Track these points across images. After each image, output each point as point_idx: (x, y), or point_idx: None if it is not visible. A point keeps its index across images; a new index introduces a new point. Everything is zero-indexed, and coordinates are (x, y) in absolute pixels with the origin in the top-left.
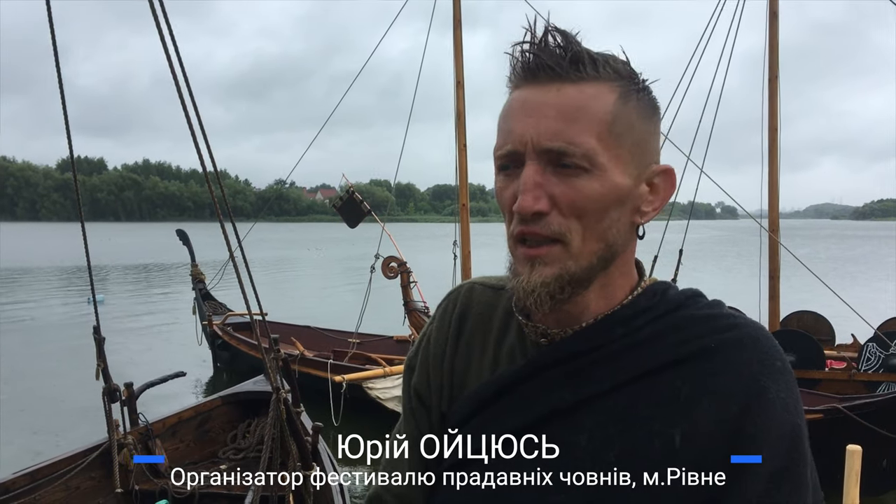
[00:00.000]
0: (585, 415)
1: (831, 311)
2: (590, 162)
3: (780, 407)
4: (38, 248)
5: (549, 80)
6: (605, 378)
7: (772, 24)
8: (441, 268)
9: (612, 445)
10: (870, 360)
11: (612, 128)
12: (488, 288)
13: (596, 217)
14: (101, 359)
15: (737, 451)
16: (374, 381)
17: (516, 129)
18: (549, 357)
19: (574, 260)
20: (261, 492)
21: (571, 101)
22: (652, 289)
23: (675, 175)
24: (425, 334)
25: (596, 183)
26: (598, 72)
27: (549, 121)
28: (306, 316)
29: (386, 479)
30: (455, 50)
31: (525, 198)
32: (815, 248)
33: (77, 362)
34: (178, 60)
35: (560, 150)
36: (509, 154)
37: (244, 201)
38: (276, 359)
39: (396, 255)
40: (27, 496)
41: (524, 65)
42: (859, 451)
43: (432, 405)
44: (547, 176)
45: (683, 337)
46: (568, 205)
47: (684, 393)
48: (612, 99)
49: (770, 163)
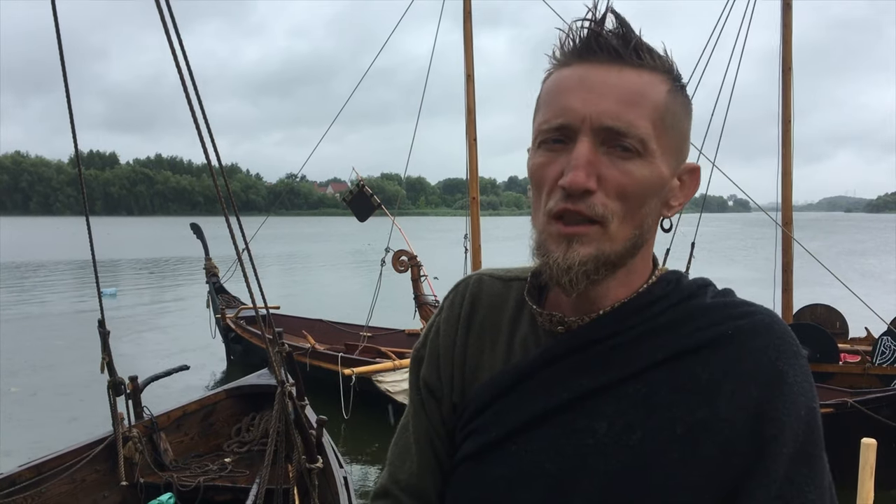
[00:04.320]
0: (605, 402)
1: (844, 305)
2: (644, 147)
3: (798, 390)
4: (52, 242)
5: (609, 61)
6: (624, 365)
7: (785, 16)
8: (452, 261)
9: (635, 431)
10: (884, 353)
11: (665, 117)
12: (496, 279)
13: (637, 202)
14: (105, 352)
15: (759, 434)
16: (384, 374)
17: (573, 105)
18: (567, 344)
19: (610, 242)
20: (266, 484)
21: (633, 85)
22: (665, 277)
23: (700, 174)
24: (433, 326)
25: (646, 169)
26: (654, 61)
27: (611, 100)
28: (320, 309)
29: (395, 471)
30: (465, 44)
31: (577, 174)
32: (826, 241)
33: (88, 354)
34: (183, 54)
35: (619, 130)
36: (560, 128)
37: (256, 195)
38: (281, 352)
39: (407, 248)
40: (33, 489)
41: (585, 42)
42: (874, 444)
43: (443, 396)
44: (598, 155)
45: (700, 324)
46: (616, 187)
47: (704, 379)
48: (665, 90)
49: (783, 155)
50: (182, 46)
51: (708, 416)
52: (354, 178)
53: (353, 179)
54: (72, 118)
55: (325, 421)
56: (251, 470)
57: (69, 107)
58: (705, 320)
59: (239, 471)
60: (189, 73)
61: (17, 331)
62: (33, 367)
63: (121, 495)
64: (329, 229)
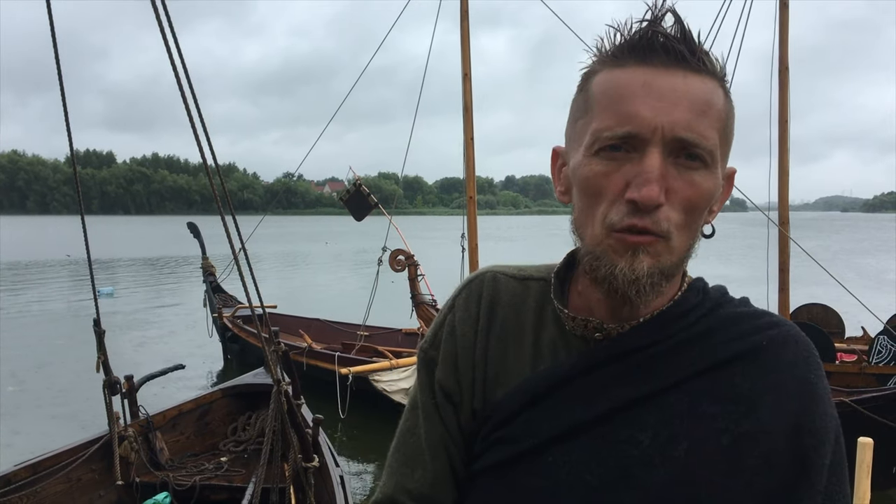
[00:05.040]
0: (649, 412)
1: (840, 304)
2: (712, 157)
3: (828, 402)
4: (49, 241)
5: (674, 65)
6: (666, 374)
7: (782, 14)
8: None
9: (680, 442)
10: (881, 352)
11: (726, 125)
12: (511, 278)
13: (700, 213)
14: (101, 351)
15: (802, 446)
16: (381, 373)
17: (642, 112)
18: (607, 352)
19: (670, 254)
20: (262, 484)
21: (701, 93)
22: (695, 285)
23: (734, 177)
24: (444, 325)
25: (711, 180)
26: (714, 67)
27: (683, 110)
28: (317, 309)
29: (402, 479)
30: (462, 42)
31: (651, 188)
32: (823, 241)
33: (84, 354)
34: (179, 54)
35: (693, 141)
36: (627, 137)
37: (253, 194)
38: (277, 351)
39: (404, 247)
40: (29, 488)
41: (648, 43)
42: (871, 443)
43: (462, 401)
44: (668, 167)
45: (732, 334)
46: (683, 199)
47: (744, 390)
48: (723, 97)
49: (780, 155)
50: (178, 46)
51: (752, 427)
52: (351, 177)
53: (351, 178)
54: (66, 116)
55: (321, 420)
56: (247, 469)
57: (64, 105)
58: (739, 329)
59: (235, 470)
60: (185, 73)
61: (13, 330)
62: (30, 367)
63: (116, 495)
64: (328, 228)
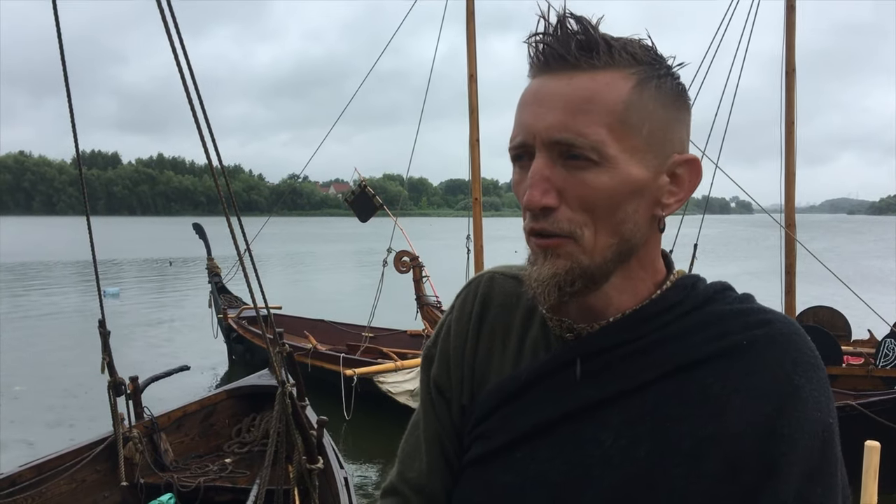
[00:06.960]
0: (613, 412)
1: (846, 307)
2: (599, 154)
3: (813, 406)
4: (55, 241)
5: (561, 70)
6: (633, 375)
7: (789, 17)
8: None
9: (642, 444)
10: (888, 355)
11: (626, 117)
12: (509, 278)
13: (607, 211)
14: (106, 352)
15: (770, 451)
16: (386, 375)
17: (526, 121)
18: (575, 352)
19: (587, 255)
20: (266, 485)
21: (581, 92)
22: (681, 283)
23: (699, 165)
24: (444, 325)
25: (605, 176)
26: (612, 59)
27: (558, 112)
28: (322, 310)
29: (404, 469)
30: (468, 43)
31: (532, 192)
32: (829, 243)
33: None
34: (185, 57)
35: (568, 141)
36: (520, 146)
37: (259, 196)
38: (282, 352)
39: (409, 249)
40: (33, 489)
41: (537, 54)
42: (878, 446)
43: (453, 398)
44: (556, 169)
45: (713, 333)
46: (576, 199)
47: (715, 392)
48: (627, 87)
49: (786, 157)
50: (184, 48)
51: (716, 431)
52: (356, 178)
53: (356, 180)
54: (72, 117)
55: (325, 421)
56: (251, 470)
57: (70, 107)
58: (719, 329)
59: (239, 471)
60: (191, 75)
61: (19, 330)
62: (35, 367)
63: (121, 496)
64: (332, 230)
